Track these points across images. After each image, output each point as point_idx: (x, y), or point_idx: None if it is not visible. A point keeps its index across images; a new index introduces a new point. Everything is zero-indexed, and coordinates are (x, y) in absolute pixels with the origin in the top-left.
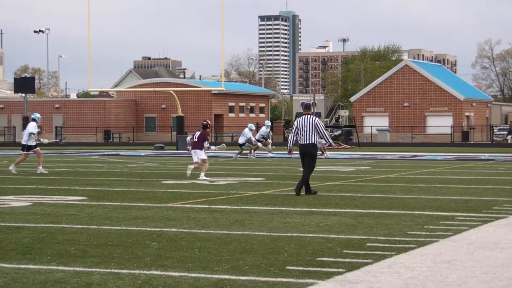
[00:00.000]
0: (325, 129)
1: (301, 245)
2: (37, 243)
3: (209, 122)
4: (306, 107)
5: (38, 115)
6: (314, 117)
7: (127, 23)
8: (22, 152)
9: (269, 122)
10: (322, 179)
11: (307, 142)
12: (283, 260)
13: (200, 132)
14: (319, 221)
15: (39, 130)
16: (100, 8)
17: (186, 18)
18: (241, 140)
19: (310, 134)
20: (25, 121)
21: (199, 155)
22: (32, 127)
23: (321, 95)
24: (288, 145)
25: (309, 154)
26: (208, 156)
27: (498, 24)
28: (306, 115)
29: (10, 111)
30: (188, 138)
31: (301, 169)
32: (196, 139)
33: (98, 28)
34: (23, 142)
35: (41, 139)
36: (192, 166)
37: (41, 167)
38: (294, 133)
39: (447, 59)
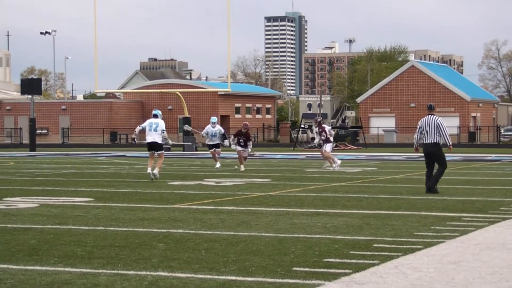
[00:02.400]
0: (447, 130)
1: (308, 246)
2: (44, 244)
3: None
4: (430, 108)
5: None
6: (437, 118)
7: (133, 25)
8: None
9: (215, 118)
10: (329, 180)
11: (430, 142)
12: (290, 261)
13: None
14: (326, 222)
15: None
16: (107, 10)
17: (193, 19)
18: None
19: (433, 133)
20: (32, 122)
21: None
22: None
23: (328, 96)
24: (414, 143)
25: (433, 153)
26: (220, 157)
27: (505, 24)
28: (430, 116)
29: (17, 112)
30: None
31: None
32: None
33: (105, 30)
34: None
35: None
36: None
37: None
38: (418, 132)
39: (454, 60)
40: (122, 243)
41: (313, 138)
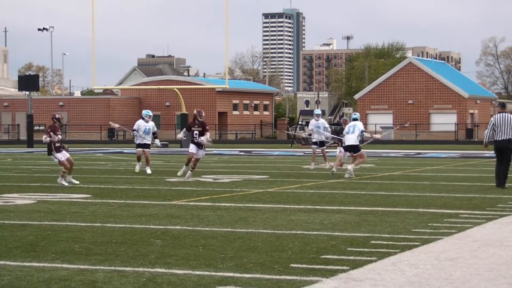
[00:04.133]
0: None
1: (305, 243)
2: (41, 240)
3: None
4: (503, 106)
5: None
6: (511, 115)
7: (131, 21)
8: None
9: (149, 112)
10: (326, 177)
11: (504, 138)
12: (287, 257)
13: None
14: (323, 218)
15: None
16: (104, 6)
17: (190, 15)
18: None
19: (507, 130)
20: (29, 118)
21: None
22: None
23: (325, 93)
24: (484, 140)
25: (506, 149)
26: (212, 154)
27: (503, 21)
28: (504, 113)
29: (15, 109)
30: None
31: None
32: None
33: (102, 26)
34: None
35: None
36: None
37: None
38: (490, 129)
39: (451, 57)
40: (120, 240)
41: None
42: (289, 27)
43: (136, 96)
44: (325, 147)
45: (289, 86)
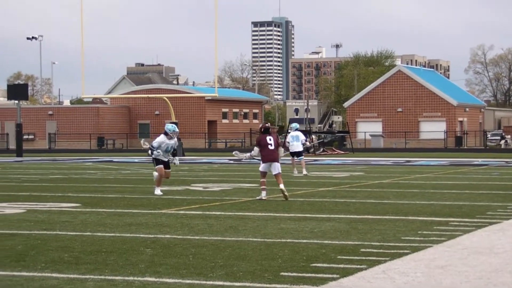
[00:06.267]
0: None
1: (295, 251)
2: (31, 250)
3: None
4: None
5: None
6: None
7: (120, 30)
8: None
9: (175, 127)
10: (316, 185)
11: None
12: (278, 266)
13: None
14: (313, 227)
15: None
16: (93, 15)
17: (179, 24)
18: None
19: None
20: (18, 127)
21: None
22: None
23: (315, 101)
24: None
25: None
26: (201, 163)
27: (491, 29)
28: None
29: (4, 118)
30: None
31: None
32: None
33: (92, 35)
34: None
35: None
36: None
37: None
38: None
39: (440, 65)
40: (110, 249)
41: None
42: (278, 36)
43: (126, 105)
44: (302, 157)
45: (279, 95)
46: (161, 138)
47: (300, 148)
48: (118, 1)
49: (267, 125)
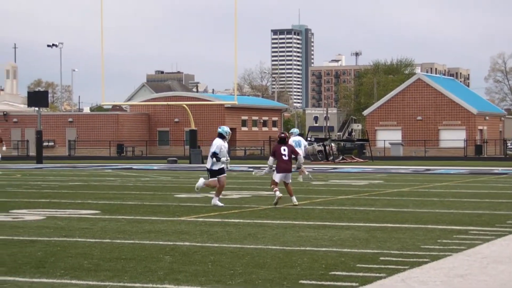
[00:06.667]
0: None
1: (314, 259)
2: (51, 257)
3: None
4: None
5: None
6: None
7: (140, 37)
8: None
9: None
10: (335, 193)
11: None
12: (297, 274)
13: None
14: (332, 235)
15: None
16: (113, 23)
17: (199, 32)
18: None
19: None
20: (39, 134)
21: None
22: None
23: (334, 109)
24: None
25: None
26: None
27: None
28: None
29: (24, 125)
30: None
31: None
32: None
33: (111, 42)
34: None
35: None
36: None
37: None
38: None
39: (460, 73)
40: (129, 256)
41: (320, 151)
42: (298, 43)
43: (145, 112)
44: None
45: (298, 102)
46: (218, 141)
47: (303, 154)
48: (138, 9)
49: (282, 135)
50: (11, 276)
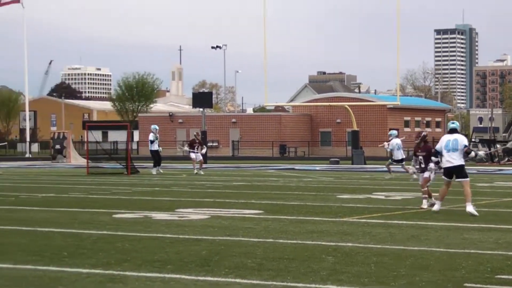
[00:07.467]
0: None
1: (479, 262)
2: (215, 255)
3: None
4: None
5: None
6: None
7: (302, 39)
8: None
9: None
10: (501, 195)
11: None
12: (461, 276)
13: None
14: (498, 237)
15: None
16: (276, 25)
17: (361, 33)
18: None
19: None
20: (203, 135)
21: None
22: None
23: (499, 110)
24: None
25: None
26: (385, 172)
27: None
28: None
29: (189, 125)
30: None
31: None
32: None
33: (274, 44)
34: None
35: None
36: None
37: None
38: None
39: None
40: (291, 256)
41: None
42: (462, 43)
43: (307, 113)
44: (403, 163)
45: (462, 103)
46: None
47: (402, 156)
48: (297, 12)
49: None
50: (178, 274)
